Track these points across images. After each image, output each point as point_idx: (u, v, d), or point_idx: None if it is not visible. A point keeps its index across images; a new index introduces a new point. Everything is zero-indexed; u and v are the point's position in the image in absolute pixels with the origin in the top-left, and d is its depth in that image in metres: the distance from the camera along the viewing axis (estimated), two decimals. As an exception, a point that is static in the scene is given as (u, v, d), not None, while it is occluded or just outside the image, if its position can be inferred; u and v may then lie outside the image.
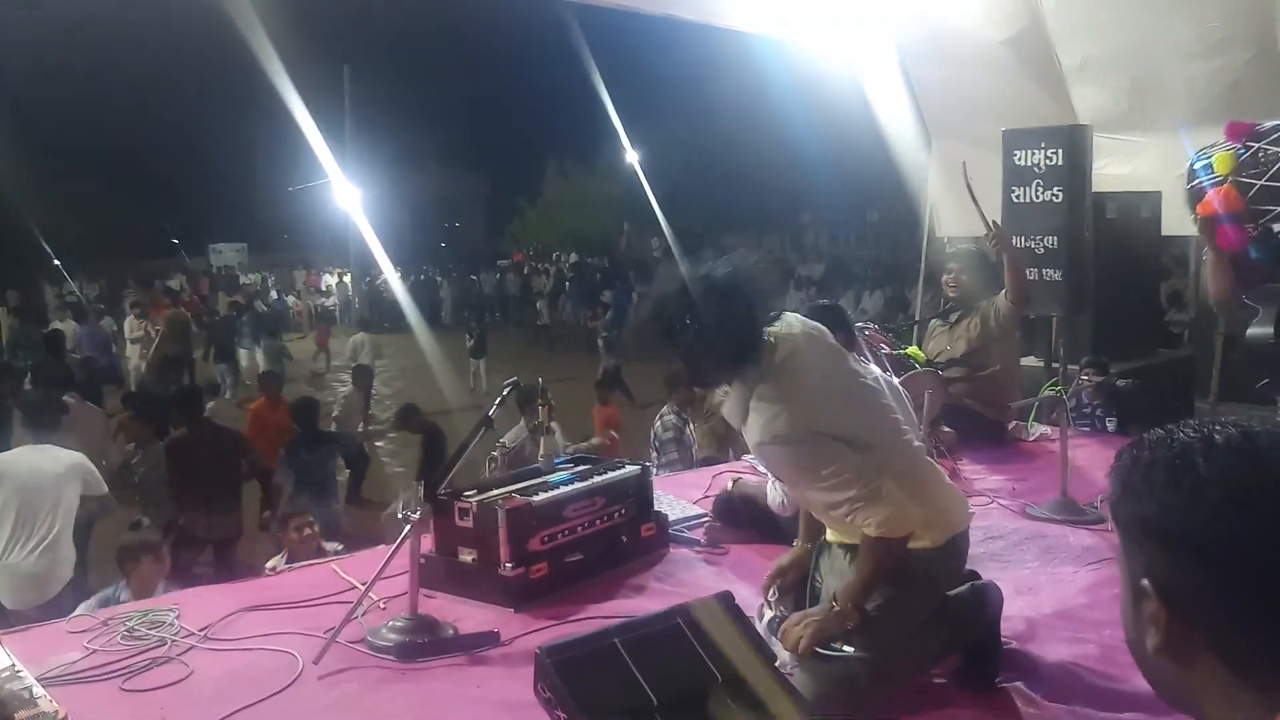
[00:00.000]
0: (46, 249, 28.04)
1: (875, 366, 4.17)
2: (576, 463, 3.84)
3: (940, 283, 5.58)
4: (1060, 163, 5.81)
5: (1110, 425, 5.87)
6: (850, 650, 2.24)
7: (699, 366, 2.55)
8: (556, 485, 3.41)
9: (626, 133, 29.69)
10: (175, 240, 38.53)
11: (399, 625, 2.89)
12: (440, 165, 42.91)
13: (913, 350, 4.77)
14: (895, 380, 4.15)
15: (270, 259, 36.83)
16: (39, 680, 2.45)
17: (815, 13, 6.34)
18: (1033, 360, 6.57)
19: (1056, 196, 5.84)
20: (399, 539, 2.94)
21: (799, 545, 2.71)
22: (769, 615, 2.62)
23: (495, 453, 3.53)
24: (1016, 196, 5.98)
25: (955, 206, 6.68)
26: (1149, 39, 6.03)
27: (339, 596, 3.31)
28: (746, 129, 26.21)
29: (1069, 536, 3.77)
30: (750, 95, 20.88)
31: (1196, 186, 2.88)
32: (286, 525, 4.98)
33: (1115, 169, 6.65)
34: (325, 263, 34.06)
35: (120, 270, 32.43)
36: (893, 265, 21.65)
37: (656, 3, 6.34)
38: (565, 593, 3.20)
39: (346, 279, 29.86)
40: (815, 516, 2.60)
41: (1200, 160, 2.89)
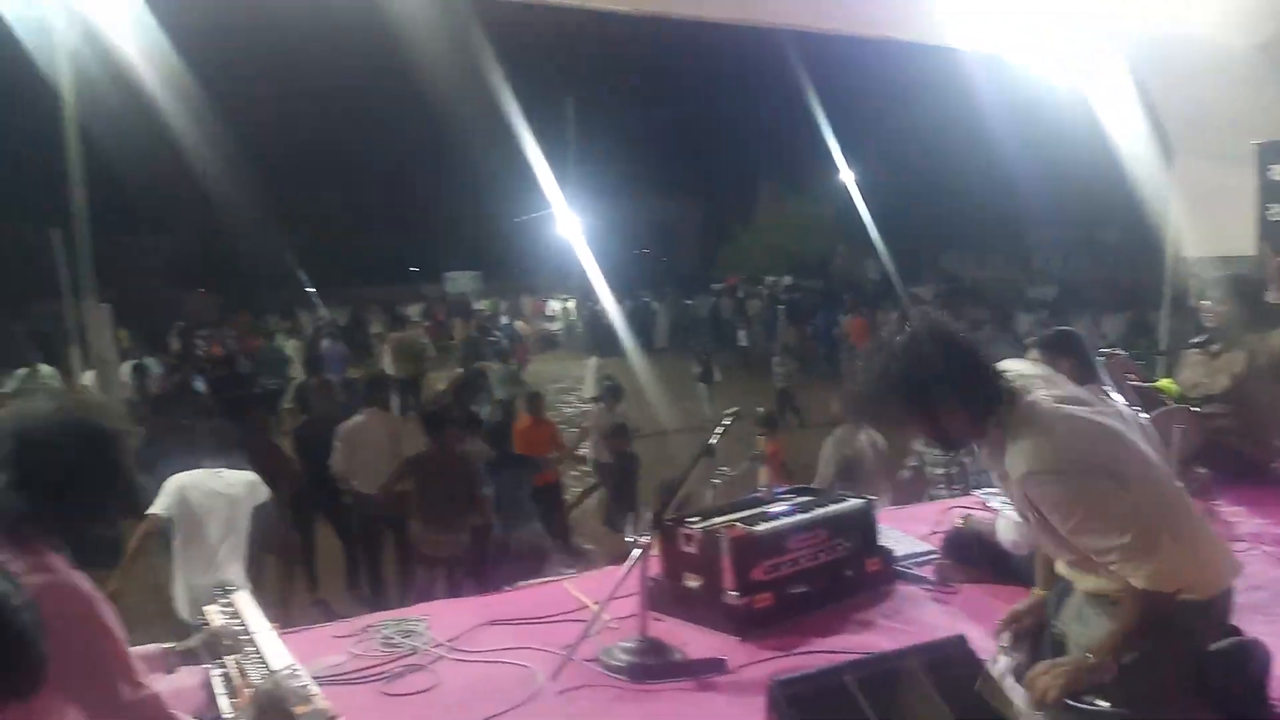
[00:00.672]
0: (301, 277, 30.71)
1: (1119, 397, 3.95)
2: (798, 493, 3.85)
3: (1190, 308, 5.19)
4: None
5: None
6: (1105, 705, 2.13)
7: (945, 424, 2.38)
8: (778, 516, 3.44)
9: (839, 153, 29.35)
10: (413, 268, 41.34)
11: (630, 646, 3.00)
12: (656, 191, 43.88)
13: (1165, 383, 4.45)
14: (1143, 416, 3.92)
15: (500, 286, 38.92)
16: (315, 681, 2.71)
17: (1035, 27, 6.07)
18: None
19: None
20: (629, 562, 3.06)
21: (1037, 591, 2.61)
22: (1003, 660, 2.53)
23: (716, 480, 3.59)
24: (1273, 215, 5.49)
25: (1202, 226, 6.20)
26: None
27: (572, 615, 3.48)
28: (959, 147, 25.23)
29: (1346, 589, 3.41)
30: (960, 112, 20.06)
31: None
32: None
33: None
34: (550, 289, 35.58)
35: (364, 297, 35.22)
36: (1133, 288, 20.11)
37: (873, 26, 6.27)
38: (790, 624, 3.22)
39: (570, 304, 31.06)
40: (1055, 562, 2.49)
41: None
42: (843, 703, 1.86)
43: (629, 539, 3.06)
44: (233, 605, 3.14)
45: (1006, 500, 2.81)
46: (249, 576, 5.36)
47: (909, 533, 4.07)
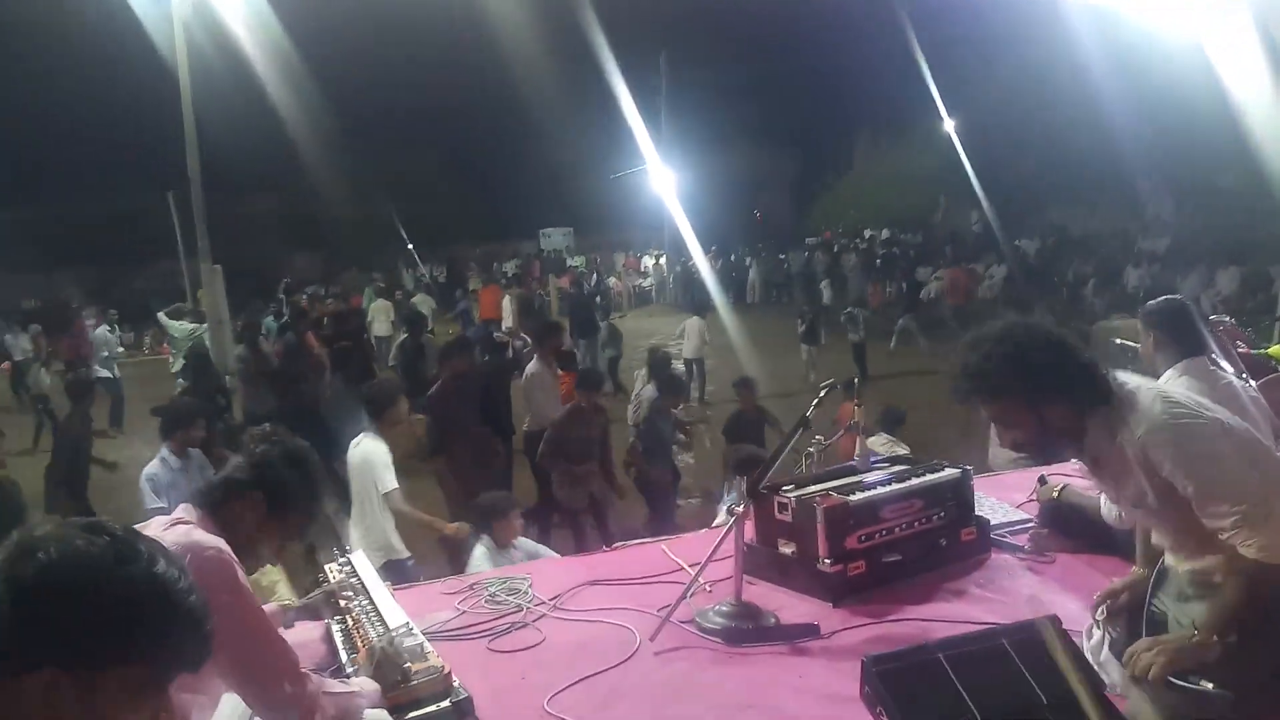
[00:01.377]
0: (402, 234, 31.38)
1: (1229, 365, 3.84)
2: (893, 462, 3.86)
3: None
4: None
5: None
6: (1209, 686, 2.09)
7: (1046, 415, 2.32)
8: (873, 485, 3.47)
9: (941, 101, 28.42)
10: (509, 225, 41.85)
11: (725, 610, 3.08)
12: (750, 144, 43.26)
13: (1275, 350, 4.29)
14: (1252, 384, 3.80)
15: (593, 242, 39.17)
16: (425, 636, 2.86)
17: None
18: None
19: None
20: (726, 526, 3.14)
21: (1137, 570, 2.59)
22: (1097, 635, 2.53)
23: (811, 449, 3.62)
24: None
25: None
26: None
27: (668, 576, 3.59)
28: (1066, 94, 24.15)
29: None
30: (1066, 58, 19.17)
31: None
32: None
33: None
34: (643, 245, 35.66)
35: (461, 254, 35.86)
36: (1249, 238, 19.07)
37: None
38: (883, 592, 3.25)
39: (662, 261, 31.07)
40: (1158, 537, 2.45)
41: None
42: (935, 680, 1.90)
43: (724, 509, 3.12)
44: (350, 564, 3.34)
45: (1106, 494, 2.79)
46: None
47: (1005, 500, 4.05)
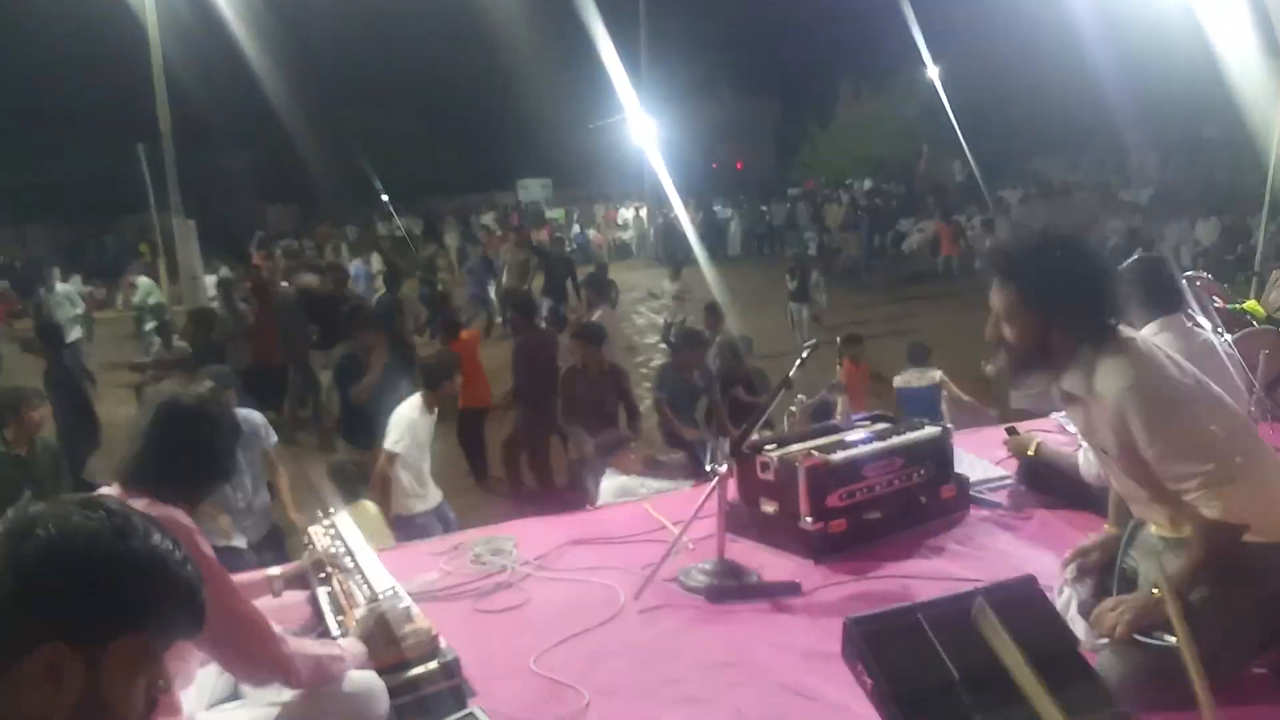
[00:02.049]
0: (376, 186, 30.98)
1: (1206, 321, 3.88)
2: (875, 420, 3.90)
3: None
4: None
5: None
6: (1171, 641, 2.13)
7: (1049, 334, 2.34)
8: (854, 444, 3.50)
9: (925, 49, 28.13)
10: (486, 177, 41.36)
11: (708, 569, 3.13)
12: (732, 93, 42.83)
13: (1251, 305, 4.34)
14: (1228, 339, 3.85)
15: (571, 193, 38.77)
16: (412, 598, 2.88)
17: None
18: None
19: None
20: (709, 487, 3.17)
21: (1109, 527, 2.63)
22: (1067, 593, 2.57)
23: (793, 407, 3.66)
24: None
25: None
26: None
27: (652, 535, 3.63)
28: (1051, 43, 23.92)
29: None
30: (1048, 7, 19.02)
31: None
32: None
33: None
34: (623, 197, 35.35)
35: (436, 206, 35.45)
36: (1231, 190, 19.13)
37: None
38: (863, 549, 3.30)
39: (642, 213, 30.86)
40: (1128, 499, 2.50)
41: None
42: (914, 639, 1.94)
43: (708, 468, 3.14)
44: (334, 526, 3.35)
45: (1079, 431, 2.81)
46: None
47: (984, 456, 4.10)
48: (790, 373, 3.27)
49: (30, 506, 1.17)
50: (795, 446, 3.52)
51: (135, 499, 2.07)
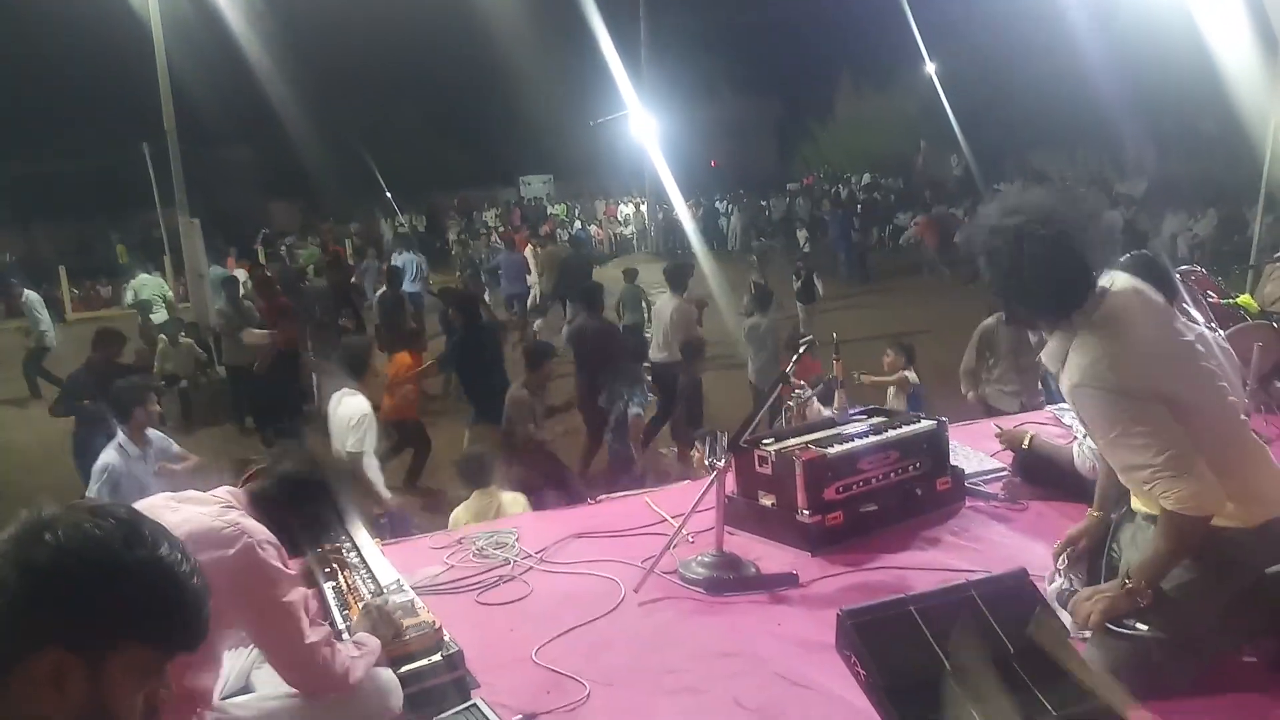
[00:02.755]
0: (381, 183, 31.00)
1: (1199, 315, 3.91)
2: (871, 414, 3.94)
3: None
4: None
5: None
6: (1144, 629, 2.17)
7: (1023, 302, 2.40)
8: (851, 438, 3.55)
9: (923, 45, 28.14)
10: (488, 173, 41.34)
11: (707, 561, 3.18)
12: (732, 90, 42.78)
13: (1244, 299, 4.37)
14: (1221, 333, 3.88)
15: (573, 189, 38.80)
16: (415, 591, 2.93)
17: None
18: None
19: None
20: (708, 481, 3.21)
21: (1092, 513, 2.66)
22: (1058, 582, 2.61)
23: (790, 402, 3.70)
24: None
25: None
26: None
27: (652, 528, 3.67)
28: (1048, 39, 23.92)
29: None
30: (1045, 3, 19.02)
31: None
32: None
33: None
34: (623, 192, 35.35)
35: (440, 203, 35.48)
36: (1227, 183, 19.11)
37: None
38: (860, 541, 3.35)
39: (643, 208, 30.88)
40: (1116, 479, 2.52)
41: None
42: (907, 630, 1.99)
43: (706, 462, 3.18)
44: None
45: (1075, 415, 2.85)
46: None
47: (979, 449, 4.14)
48: (787, 368, 3.32)
49: (44, 510, 1.18)
50: (792, 440, 3.56)
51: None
